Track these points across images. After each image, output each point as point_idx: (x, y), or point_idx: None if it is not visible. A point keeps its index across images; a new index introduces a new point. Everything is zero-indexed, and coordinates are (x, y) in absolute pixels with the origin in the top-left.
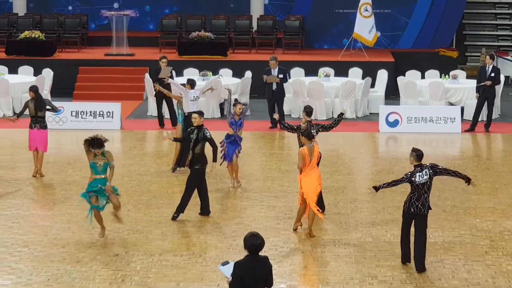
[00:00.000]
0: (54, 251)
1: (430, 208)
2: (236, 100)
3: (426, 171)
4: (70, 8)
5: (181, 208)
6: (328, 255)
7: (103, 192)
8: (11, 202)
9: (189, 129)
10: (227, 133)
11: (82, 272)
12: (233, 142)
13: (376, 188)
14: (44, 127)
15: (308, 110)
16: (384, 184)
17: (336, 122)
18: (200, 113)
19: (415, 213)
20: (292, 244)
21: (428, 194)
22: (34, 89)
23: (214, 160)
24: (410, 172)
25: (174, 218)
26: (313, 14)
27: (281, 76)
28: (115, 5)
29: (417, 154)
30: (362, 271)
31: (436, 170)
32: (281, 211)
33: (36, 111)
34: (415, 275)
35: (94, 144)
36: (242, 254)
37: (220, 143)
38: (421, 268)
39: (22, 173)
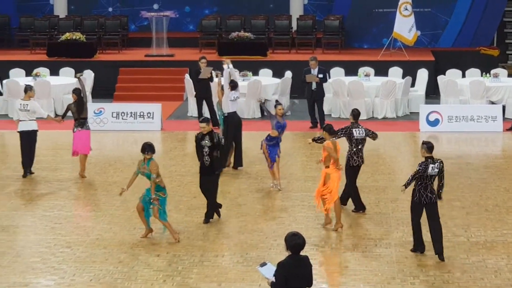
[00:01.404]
0: (96, 252)
1: (440, 198)
2: (276, 101)
3: (437, 165)
4: (110, 9)
5: (211, 214)
6: (369, 255)
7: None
8: (54, 203)
9: (199, 136)
10: (269, 135)
11: (124, 273)
12: (276, 144)
13: (405, 186)
14: (87, 128)
15: (355, 113)
16: (408, 181)
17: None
18: (207, 120)
19: (426, 203)
20: (333, 244)
21: (432, 183)
22: (77, 92)
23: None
24: (423, 163)
25: (205, 222)
26: (353, 14)
27: (320, 75)
28: (155, 6)
29: (428, 146)
30: (403, 270)
31: (442, 170)
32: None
33: (78, 114)
34: (457, 274)
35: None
36: (283, 254)
37: (261, 147)
38: (441, 249)
39: (64, 174)
